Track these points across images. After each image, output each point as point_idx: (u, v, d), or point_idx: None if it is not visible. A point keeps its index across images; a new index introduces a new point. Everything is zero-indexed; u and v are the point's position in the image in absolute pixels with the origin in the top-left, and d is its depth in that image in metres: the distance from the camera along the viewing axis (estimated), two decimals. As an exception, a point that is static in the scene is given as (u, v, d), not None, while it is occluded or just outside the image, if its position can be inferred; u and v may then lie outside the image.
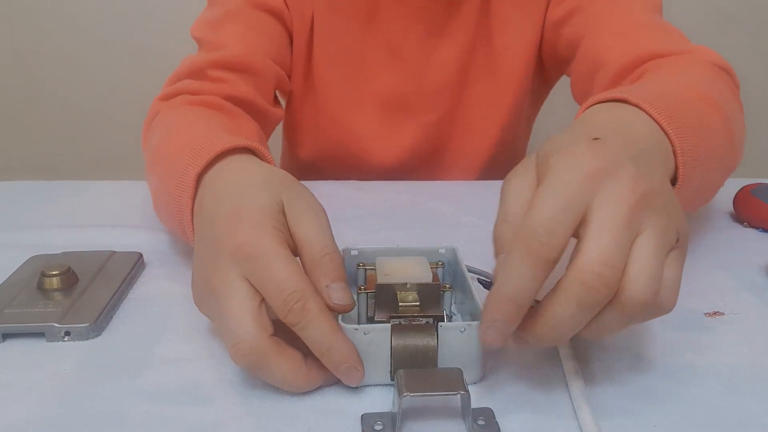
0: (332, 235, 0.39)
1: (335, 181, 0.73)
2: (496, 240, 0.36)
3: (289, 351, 0.36)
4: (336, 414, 0.37)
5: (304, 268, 0.37)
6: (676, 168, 0.41)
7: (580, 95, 0.71)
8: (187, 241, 0.47)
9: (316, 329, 0.35)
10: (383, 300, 0.40)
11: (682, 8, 1.35)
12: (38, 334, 0.44)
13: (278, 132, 0.90)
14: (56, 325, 0.44)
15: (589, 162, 0.32)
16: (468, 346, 0.38)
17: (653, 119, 0.41)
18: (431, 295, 0.40)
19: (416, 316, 0.39)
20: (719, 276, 0.53)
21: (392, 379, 0.38)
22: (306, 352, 0.37)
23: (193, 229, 0.45)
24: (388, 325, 0.37)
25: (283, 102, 0.82)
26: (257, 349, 0.35)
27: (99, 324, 0.45)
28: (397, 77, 0.76)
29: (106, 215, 0.64)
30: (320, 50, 0.75)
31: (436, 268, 0.44)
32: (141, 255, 0.54)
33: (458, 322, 0.38)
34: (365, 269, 0.44)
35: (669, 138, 0.41)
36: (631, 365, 0.41)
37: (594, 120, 0.40)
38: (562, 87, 0.80)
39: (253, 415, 0.37)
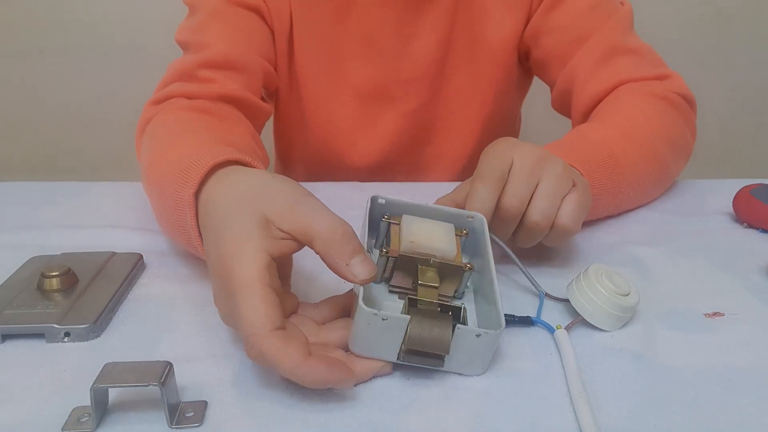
0: (328, 210, 0.39)
1: (334, 182, 0.73)
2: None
3: (289, 348, 0.35)
4: (336, 413, 0.37)
5: (319, 255, 0.39)
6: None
7: (561, 111, 0.79)
8: (195, 253, 0.47)
9: (279, 368, 0.36)
10: (403, 269, 0.43)
11: (683, 9, 1.35)
12: (38, 335, 0.44)
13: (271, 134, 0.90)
14: (56, 326, 0.44)
15: (507, 143, 0.51)
16: (480, 348, 0.39)
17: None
18: (451, 275, 0.43)
19: (434, 302, 0.40)
20: (719, 276, 0.53)
21: (398, 359, 0.39)
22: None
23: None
24: (407, 317, 0.37)
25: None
26: (258, 347, 0.35)
27: (99, 325, 0.45)
28: (373, 67, 0.76)
29: (107, 216, 0.64)
30: (300, 45, 0.75)
31: (461, 236, 0.46)
32: (141, 256, 0.54)
33: (475, 328, 0.38)
34: (389, 222, 0.45)
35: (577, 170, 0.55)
36: (631, 365, 0.42)
37: None
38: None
39: (253, 415, 0.37)
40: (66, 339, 0.44)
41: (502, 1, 0.74)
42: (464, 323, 0.39)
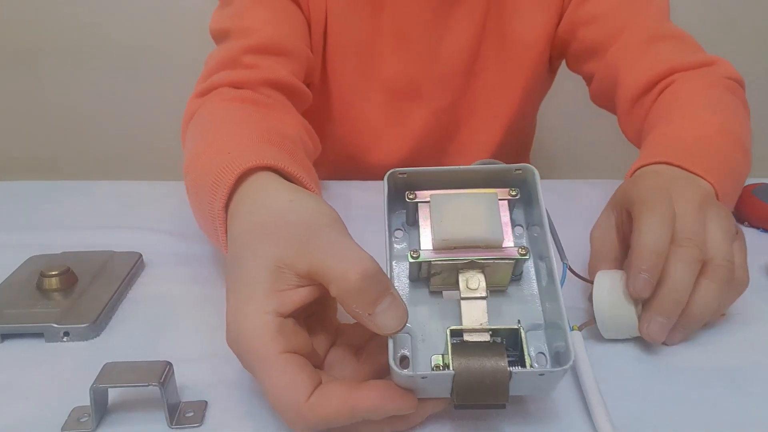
0: (347, 243, 0.34)
1: (337, 180, 0.73)
2: (591, 271, 0.46)
3: (332, 404, 0.32)
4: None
5: (338, 300, 0.33)
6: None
7: (602, 104, 0.76)
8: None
9: (330, 423, 0.33)
10: (442, 271, 0.36)
11: (685, 7, 1.35)
12: (37, 335, 0.44)
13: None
14: (55, 325, 0.44)
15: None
16: (545, 383, 0.33)
17: (695, 174, 0.50)
18: (499, 272, 0.36)
19: (483, 329, 0.34)
20: (720, 276, 0.53)
21: (453, 406, 0.33)
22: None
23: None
24: (450, 372, 0.31)
25: None
26: (301, 425, 0.33)
27: (98, 324, 0.45)
28: (405, 64, 0.76)
29: (106, 215, 0.64)
30: (334, 41, 0.75)
31: (510, 199, 0.38)
32: (140, 255, 0.54)
33: (536, 369, 0.33)
34: (416, 203, 0.38)
35: (712, 185, 0.49)
36: (634, 366, 0.41)
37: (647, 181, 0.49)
38: (570, 78, 0.80)
39: (253, 415, 0.37)
40: (65, 338, 0.44)
41: None
42: (522, 351, 0.33)
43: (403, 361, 0.34)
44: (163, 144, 1.44)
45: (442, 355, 0.34)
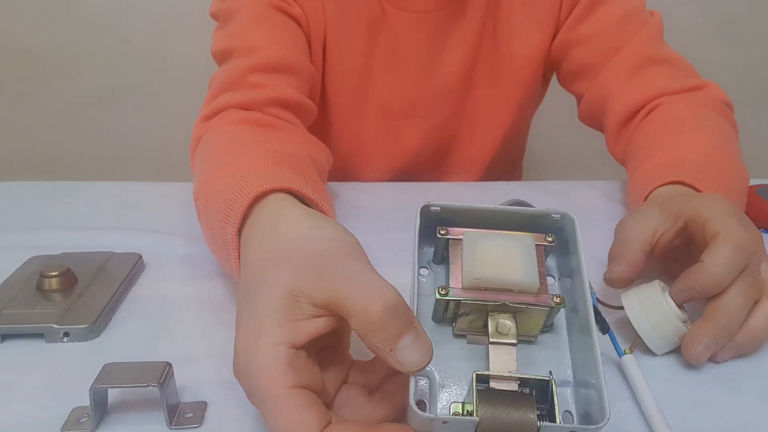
0: (367, 274, 0.32)
1: (335, 182, 0.73)
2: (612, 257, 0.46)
3: None
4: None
5: (357, 334, 0.31)
6: None
7: (590, 124, 0.77)
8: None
9: None
10: (469, 313, 0.35)
11: (684, 8, 1.35)
12: (37, 335, 0.44)
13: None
14: (55, 326, 0.44)
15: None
16: None
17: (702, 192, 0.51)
18: (531, 319, 0.35)
19: (512, 377, 0.32)
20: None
21: None
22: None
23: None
24: (475, 420, 0.30)
25: None
26: None
27: (98, 325, 0.45)
28: (401, 84, 0.76)
29: (106, 216, 0.64)
30: (332, 60, 0.75)
31: (546, 244, 0.37)
32: (140, 256, 0.54)
33: (567, 425, 0.30)
34: (447, 239, 0.37)
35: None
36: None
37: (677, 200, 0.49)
38: (560, 91, 0.81)
39: (252, 416, 0.37)
40: (65, 339, 0.44)
41: (529, 16, 0.73)
42: (553, 405, 0.31)
43: (419, 406, 0.32)
44: (163, 145, 1.45)
45: (462, 403, 0.32)
